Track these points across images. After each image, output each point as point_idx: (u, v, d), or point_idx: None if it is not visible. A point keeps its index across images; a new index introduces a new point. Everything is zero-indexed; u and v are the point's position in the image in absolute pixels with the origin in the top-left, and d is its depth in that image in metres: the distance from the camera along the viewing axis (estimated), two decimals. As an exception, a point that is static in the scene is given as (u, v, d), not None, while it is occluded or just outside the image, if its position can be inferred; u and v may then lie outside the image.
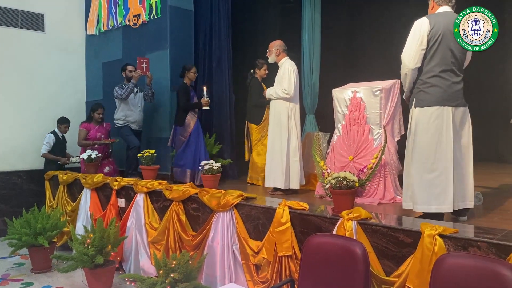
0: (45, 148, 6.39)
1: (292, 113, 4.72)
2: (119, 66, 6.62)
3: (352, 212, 3.02)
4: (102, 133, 6.10)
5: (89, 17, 7.25)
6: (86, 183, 5.34)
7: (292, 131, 4.70)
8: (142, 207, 4.56)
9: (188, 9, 6.16)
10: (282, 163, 4.64)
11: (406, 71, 3.25)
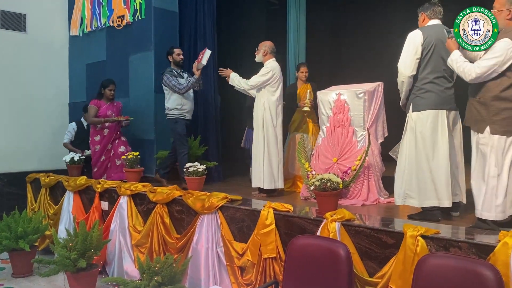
0: (66, 137, 6.13)
1: (267, 110, 4.66)
2: (103, 67, 6.59)
3: (335, 213, 3.03)
4: (113, 111, 5.62)
5: (72, 17, 7.16)
6: (68, 185, 5.27)
7: (269, 130, 4.67)
8: (126, 210, 4.52)
9: (173, 10, 6.13)
10: (260, 163, 4.65)
11: (403, 79, 3.47)
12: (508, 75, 2.84)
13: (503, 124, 2.84)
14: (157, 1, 5.92)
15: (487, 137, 2.89)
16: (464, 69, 2.95)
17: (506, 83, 2.83)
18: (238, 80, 4.81)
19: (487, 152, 2.88)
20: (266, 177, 4.62)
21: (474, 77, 2.90)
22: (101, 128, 5.54)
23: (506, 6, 2.88)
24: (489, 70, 2.84)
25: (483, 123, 2.93)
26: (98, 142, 5.57)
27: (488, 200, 2.85)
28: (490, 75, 2.86)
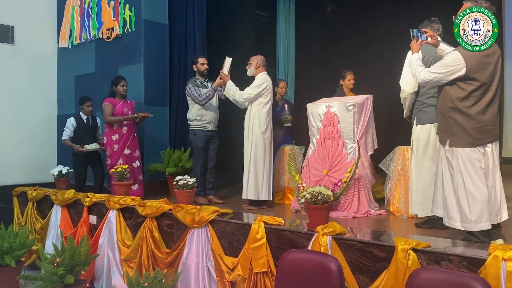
0: (65, 133, 5.73)
1: (257, 123, 4.67)
2: (92, 79, 6.55)
3: (327, 227, 3.02)
4: (128, 109, 5.45)
5: (62, 29, 7.13)
6: (56, 199, 5.19)
7: (257, 142, 4.66)
8: (115, 224, 4.46)
9: (163, 23, 6.14)
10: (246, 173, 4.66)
11: (405, 95, 3.74)
12: (461, 86, 2.90)
13: (461, 136, 2.89)
14: (147, 13, 5.93)
15: (450, 150, 2.96)
16: (416, 72, 3.10)
17: (460, 94, 2.90)
18: (233, 91, 4.75)
19: (454, 166, 2.93)
20: (251, 187, 4.62)
21: (422, 81, 3.07)
22: (119, 126, 5.35)
23: None
24: (435, 78, 2.97)
25: (444, 134, 3.00)
26: (117, 141, 5.36)
27: (467, 211, 2.86)
28: (437, 82, 3.00)
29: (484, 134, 2.88)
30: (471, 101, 2.88)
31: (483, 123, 2.87)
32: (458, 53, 2.90)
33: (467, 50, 2.91)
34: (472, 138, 2.87)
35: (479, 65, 2.85)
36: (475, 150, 2.87)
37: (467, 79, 2.87)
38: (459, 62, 2.86)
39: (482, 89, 2.87)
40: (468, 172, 2.85)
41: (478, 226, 2.82)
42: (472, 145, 2.87)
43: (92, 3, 6.57)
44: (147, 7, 5.93)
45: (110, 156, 5.38)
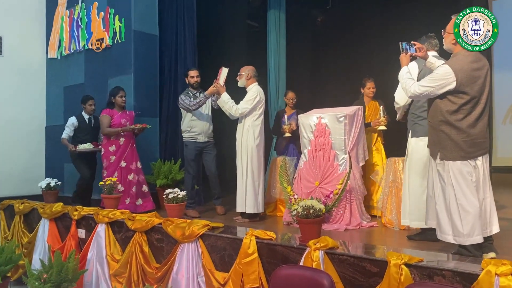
0: (64, 132, 5.63)
1: (251, 135, 4.66)
2: (81, 90, 6.48)
3: (319, 241, 2.99)
4: (127, 120, 5.34)
5: (50, 40, 7.07)
6: (44, 213, 5.10)
7: (253, 155, 4.66)
8: (104, 238, 4.38)
9: (153, 33, 6.11)
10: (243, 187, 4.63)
11: (398, 106, 3.90)
12: (451, 100, 2.90)
13: (452, 149, 2.88)
14: (137, 24, 5.90)
15: (441, 163, 2.95)
16: (406, 85, 3.11)
17: (451, 108, 2.90)
18: (230, 106, 4.66)
19: (445, 179, 2.92)
20: (250, 201, 4.60)
21: (412, 95, 3.06)
22: (116, 137, 5.25)
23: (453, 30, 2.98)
24: (425, 91, 2.97)
25: (435, 148, 3.00)
26: (114, 152, 5.25)
27: (459, 225, 2.85)
28: (427, 95, 3.00)
29: (475, 147, 2.87)
30: (461, 115, 2.88)
31: (474, 136, 2.87)
32: (448, 66, 2.90)
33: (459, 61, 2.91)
34: (463, 151, 2.86)
35: (469, 79, 2.86)
36: (466, 164, 2.86)
37: (458, 93, 2.87)
38: (449, 75, 2.87)
39: (472, 103, 2.87)
40: (460, 186, 2.84)
41: (470, 240, 2.81)
42: (463, 158, 2.86)
43: (82, 14, 6.53)
44: (137, 18, 5.91)
45: (106, 168, 5.26)
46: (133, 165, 5.34)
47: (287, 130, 5.26)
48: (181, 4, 6.39)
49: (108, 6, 6.15)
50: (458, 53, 2.97)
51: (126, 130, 5.25)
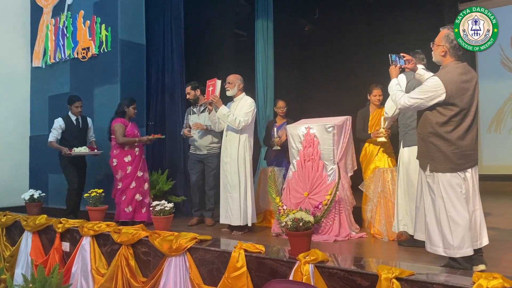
0: (52, 135, 5.40)
1: (247, 147, 4.65)
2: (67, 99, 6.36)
3: (309, 254, 2.95)
4: (138, 131, 5.30)
5: (35, 49, 6.97)
6: (27, 225, 4.97)
7: (246, 166, 4.63)
8: (89, 251, 4.27)
9: (140, 43, 6.05)
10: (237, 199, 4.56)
11: (386, 117, 4.13)
12: (441, 112, 2.90)
13: (441, 161, 2.88)
14: (123, 33, 5.85)
15: (430, 175, 2.94)
16: (396, 97, 3.11)
17: (440, 119, 2.90)
18: (232, 118, 4.53)
19: (435, 191, 2.91)
20: (250, 214, 4.57)
21: (402, 107, 3.06)
22: (131, 147, 5.14)
23: (442, 42, 2.99)
24: (415, 103, 2.97)
25: (425, 159, 2.99)
26: (129, 163, 5.10)
27: (449, 237, 2.83)
28: (417, 107, 3.00)
29: (464, 159, 2.87)
30: (451, 126, 2.88)
31: (463, 148, 2.87)
32: (437, 78, 2.90)
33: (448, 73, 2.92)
34: (453, 163, 2.86)
35: (459, 91, 2.86)
36: (455, 175, 2.86)
37: (447, 105, 2.88)
38: (439, 87, 2.87)
39: (461, 115, 2.88)
40: (449, 198, 2.84)
41: (460, 252, 2.80)
42: (453, 170, 2.86)
43: (67, 22, 6.45)
44: (124, 27, 5.85)
45: (122, 179, 5.08)
46: (145, 175, 5.28)
47: (276, 143, 5.19)
48: (169, 13, 6.35)
49: (94, 15, 6.08)
50: (447, 65, 2.98)
51: (142, 141, 5.20)
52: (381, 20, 8.60)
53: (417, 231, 3.22)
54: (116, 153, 5.14)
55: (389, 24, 8.43)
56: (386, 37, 8.16)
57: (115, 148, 5.15)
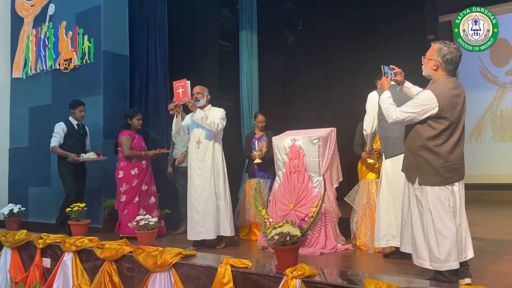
0: (54, 140, 5.11)
1: (223, 156, 4.61)
2: (48, 111, 6.28)
3: (296, 269, 2.93)
4: (144, 143, 5.26)
5: (15, 59, 6.84)
6: (6, 241, 4.84)
7: (226, 176, 4.60)
8: (70, 267, 4.18)
9: (123, 54, 6.00)
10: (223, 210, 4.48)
11: (366, 134, 4.05)
12: (431, 125, 2.90)
13: (430, 174, 2.89)
14: (107, 44, 5.79)
15: (419, 188, 2.94)
16: (388, 111, 3.09)
17: (431, 133, 2.90)
18: (211, 120, 4.44)
19: (422, 204, 2.91)
20: (232, 224, 4.49)
21: (394, 121, 3.04)
22: (139, 160, 5.08)
23: (434, 57, 2.99)
24: (408, 117, 2.95)
25: (413, 172, 2.99)
26: (136, 175, 5.05)
27: (435, 250, 2.83)
28: (409, 121, 2.98)
29: (452, 172, 2.89)
30: (440, 140, 2.88)
31: (452, 162, 2.88)
32: (430, 92, 2.90)
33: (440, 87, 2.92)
34: (442, 177, 2.87)
35: (450, 105, 2.87)
36: (444, 189, 2.87)
37: (438, 118, 2.88)
38: (432, 101, 2.87)
39: (451, 128, 2.89)
40: (437, 211, 2.85)
41: (446, 266, 2.80)
42: (441, 183, 2.86)
43: (49, 33, 6.36)
44: (107, 38, 5.79)
45: (126, 192, 5.01)
46: (151, 189, 5.22)
47: (257, 156, 5.08)
48: (152, 24, 6.33)
49: (77, 26, 6.01)
50: (438, 79, 2.98)
51: (148, 155, 5.14)
52: (364, 32, 8.72)
53: (403, 244, 3.21)
54: (123, 165, 5.08)
55: (372, 35, 8.56)
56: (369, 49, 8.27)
57: (122, 160, 5.09)
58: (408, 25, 8.21)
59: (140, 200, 5.07)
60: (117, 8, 5.91)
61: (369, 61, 3.86)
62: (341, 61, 8.82)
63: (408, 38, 8.07)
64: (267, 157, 5.08)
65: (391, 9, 8.43)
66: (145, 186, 5.13)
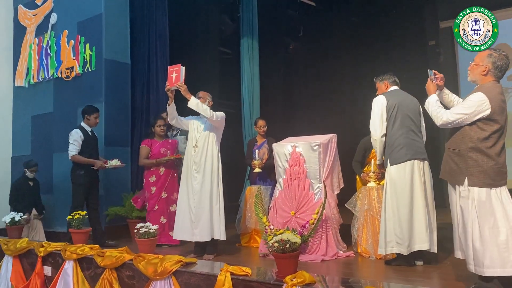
0: (73, 148, 4.92)
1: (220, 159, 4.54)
2: (50, 119, 6.32)
3: (296, 277, 2.91)
4: (168, 149, 5.16)
5: (18, 68, 6.90)
6: (7, 249, 4.84)
7: (220, 178, 4.53)
8: (71, 276, 4.16)
9: (125, 62, 6.03)
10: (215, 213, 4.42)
11: (375, 138, 3.91)
12: (482, 127, 2.89)
13: (480, 176, 2.85)
14: (108, 53, 5.83)
15: (466, 190, 2.89)
16: (437, 114, 3.06)
17: (482, 135, 2.88)
18: (206, 107, 4.37)
19: (468, 207, 2.87)
20: (222, 227, 4.38)
21: (444, 123, 3.01)
22: (156, 167, 5.10)
23: (484, 62, 2.97)
24: (459, 119, 2.93)
25: (461, 175, 2.94)
26: (154, 183, 5.10)
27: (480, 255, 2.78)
28: (459, 123, 2.95)
29: (500, 176, 2.87)
30: (490, 142, 2.87)
31: (500, 164, 2.87)
32: (483, 94, 2.88)
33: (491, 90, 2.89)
34: (491, 179, 2.84)
35: (500, 109, 2.88)
36: (492, 191, 2.84)
37: (489, 120, 2.87)
38: (483, 103, 2.86)
39: (499, 132, 2.89)
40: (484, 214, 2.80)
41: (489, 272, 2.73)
42: (490, 186, 2.84)
43: (51, 42, 6.41)
44: (109, 47, 5.83)
45: (148, 200, 5.11)
46: (174, 196, 5.12)
47: (257, 166, 5.01)
48: (153, 31, 6.37)
49: (78, 34, 6.06)
50: (486, 84, 2.96)
51: (161, 163, 5.10)
52: (365, 39, 8.74)
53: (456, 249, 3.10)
54: (145, 173, 5.18)
55: (374, 42, 8.57)
56: (370, 55, 8.29)
57: (144, 168, 5.20)
58: (409, 32, 8.23)
59: (159, 208, 5.04)
60: (118, 16, 5.96)
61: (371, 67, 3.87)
62: (342, 67, 8.84)
63: (409, 44, 8.09)
64: (268, 164, 5.06)
65: (392, 15, 8.46)
66: (165, 193, 5.11)
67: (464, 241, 2.91)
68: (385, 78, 4.08)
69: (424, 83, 3.32)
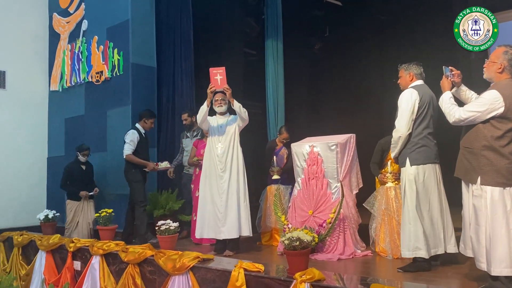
0: (129, 147, 5.15)
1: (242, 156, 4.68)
2: (82, 121, 6.61)
3: (305, 273, 2.97)
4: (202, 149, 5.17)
5: (53, 73, 7.27)
6: (41, 245, 5.13)
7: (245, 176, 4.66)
8: (98, 270, 4.38)
9: (151, 66, 6.24)
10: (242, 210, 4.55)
11: (400, 135, 3.62)
12: (495, 125, 2.86)
13: (493, 175, 2.82)
14: (135, 57, 6.04)
15: (479, 189, 2.87)
16: (450, 111, 3.04)
17: (495, 133, 2.85)
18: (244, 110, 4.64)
19: (481, 205, 2.85)
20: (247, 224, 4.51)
21: (456, 120, 2.99)
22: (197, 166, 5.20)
23: (500, 60, 2.94)
24: (472, 116, 2.91)
25: (474, 173, 2.91)
26: (192, 182, 5.34)
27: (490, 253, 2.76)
28: (471, 121, 2.93)
29: None
30: (505, 141, 2.83)
31: None
32: (496, 91, 2.86)
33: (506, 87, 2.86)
34: (504, 177, 2.81)
35: None
36: (505, 191, 2.81)
37: (503, 118, 2.84)
38: (497, 100, 2.83)
39: None
40: (496, 213, 2.78)
41: (497, 271, 2.72)
42: (503, 185, 2.81)
43: (82, 48, 6.72)
44: (135, 51, 6.05)
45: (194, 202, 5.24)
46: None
47: (275, 173, 5.11)
48: (178, 35, 6.54)
49: (107, 40, 6.32)
50: (502, 81, 2.93)
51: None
52: (392, 37, 8.62)
53: (466, 248, 3.09)
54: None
55: (401, 40, 8.44)
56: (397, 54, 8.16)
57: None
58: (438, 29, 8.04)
59: (194, 206, 5.10)
60: (144, 22, 6.18)
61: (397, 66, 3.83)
62: (369, 67, 8.75)
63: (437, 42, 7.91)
64: (287, 168, 5.18)
65: (418, 12, 8.30)
66: (198, 192, 5.17)
67: (475, 239, 2.88)
68: (411, 68, 3.76)
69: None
